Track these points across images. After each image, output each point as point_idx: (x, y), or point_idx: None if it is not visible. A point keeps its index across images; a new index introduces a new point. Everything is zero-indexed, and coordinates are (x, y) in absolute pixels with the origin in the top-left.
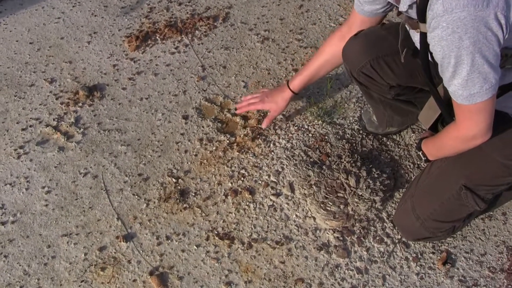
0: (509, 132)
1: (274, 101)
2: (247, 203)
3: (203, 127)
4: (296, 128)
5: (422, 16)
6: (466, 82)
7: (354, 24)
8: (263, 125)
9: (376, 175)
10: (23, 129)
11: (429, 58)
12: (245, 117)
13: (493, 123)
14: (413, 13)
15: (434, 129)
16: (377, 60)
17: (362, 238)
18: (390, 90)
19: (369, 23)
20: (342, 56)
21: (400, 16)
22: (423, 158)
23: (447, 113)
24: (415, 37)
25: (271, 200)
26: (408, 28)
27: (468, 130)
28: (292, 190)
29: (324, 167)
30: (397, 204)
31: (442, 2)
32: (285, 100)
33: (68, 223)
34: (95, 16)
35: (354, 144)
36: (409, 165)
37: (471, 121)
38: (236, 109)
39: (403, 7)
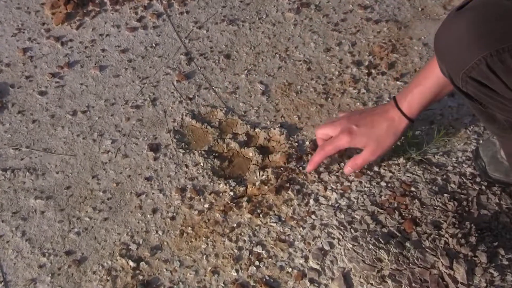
0: None
1: (373, 133)
2: None
3: (187, 166)
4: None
5: None
6: None
7: None
8: (345, 171)
9: (506, 262)
10: None
11: None
12: (263, 150)
13: None
14: None
15: None
16: (499, 56)
17: None
18: None
19: None
20: (435, 49)
21: None
22: None
23: None
24: None
25: None
26: None
27: None
28: (349, 285)
29: (408, 244)
30: None
31: None
32: (394, 135)
33: None
34: None
35: (464, 203)
36: None
37: None
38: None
39: None
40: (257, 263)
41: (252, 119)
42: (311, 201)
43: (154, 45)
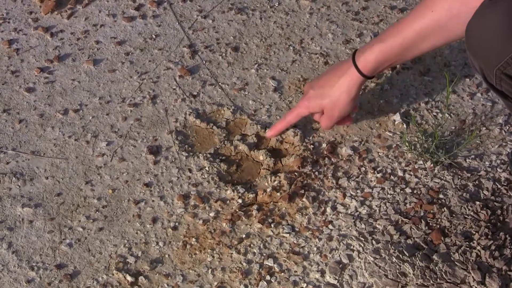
0: None
1: (325, 93)
2: None
3: (190, 170)
4: (379, 175)
5: None
6: None
7: None
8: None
9: None
10: None
11: None
12: (275, 153)
13: None
14: None
15: None
16: None
17: None
18: None
19: None
20: (466, 42)
21: None
22: None
23: None
24: None
25: None
26: None
27: None
28: None
29: (435, 257)
30: None
31: None
32: (346, 92)
33: None
34: None
35: (498, 211)
36: None
37: None
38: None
39: None
40: (268, 278)
41: (263, 118)
42: (328, 210)
43: (154, 36)
